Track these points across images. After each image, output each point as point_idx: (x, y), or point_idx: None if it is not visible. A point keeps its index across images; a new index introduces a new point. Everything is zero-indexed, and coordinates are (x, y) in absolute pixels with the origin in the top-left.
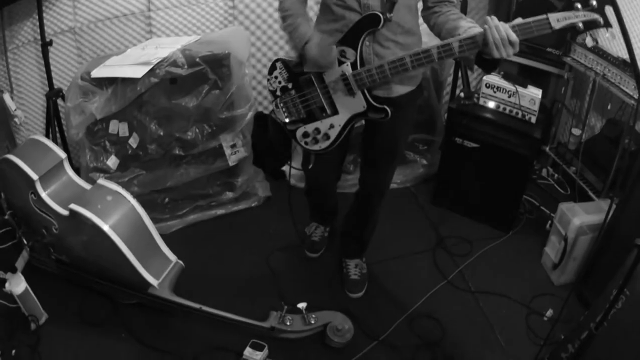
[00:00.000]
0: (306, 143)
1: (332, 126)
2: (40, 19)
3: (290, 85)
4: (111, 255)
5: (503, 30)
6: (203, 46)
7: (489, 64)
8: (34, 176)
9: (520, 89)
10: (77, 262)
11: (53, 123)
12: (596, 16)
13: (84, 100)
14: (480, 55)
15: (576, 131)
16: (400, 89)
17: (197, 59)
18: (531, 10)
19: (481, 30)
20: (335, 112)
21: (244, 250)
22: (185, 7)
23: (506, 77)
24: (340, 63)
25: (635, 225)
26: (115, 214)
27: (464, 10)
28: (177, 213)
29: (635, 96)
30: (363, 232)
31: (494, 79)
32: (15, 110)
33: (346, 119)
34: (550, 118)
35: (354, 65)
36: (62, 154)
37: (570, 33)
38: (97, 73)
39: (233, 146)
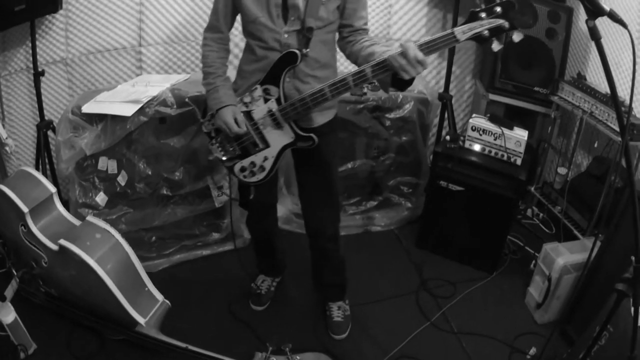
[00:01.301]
0: (244, 176)
1: (266, 158)
2: (34, 48)
3: None
4: (99, 292)
5: (411, 52)
6: (192, 86)
7: (404, 83)
8: (25, 209)
9: (506, 131)
10: (65, 296)
11: (43, 154)
12: (501, 21)
13: (74, 135)
14: (395, 76)
15: (562, 170)
16: (320, 119)
17: (187, 99)
18: (520, 51)
19: (391, 53)
20: (267, 145)
21: (228, 291)
22: (175, 44)
23: (492, 119)
24: (266, 100)
25: (620, 263)
26: (104, 251)
27: (452, 50)
28: (164, 252)
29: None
30: (334, 277)
31: (480, 122)
32: (6, 138)
33: (278, 150)
34: (536, 158)
35: (278, 101)
36: (52, 188)
37: (476, 41)
38: (87, 108)
39: (219, 188)
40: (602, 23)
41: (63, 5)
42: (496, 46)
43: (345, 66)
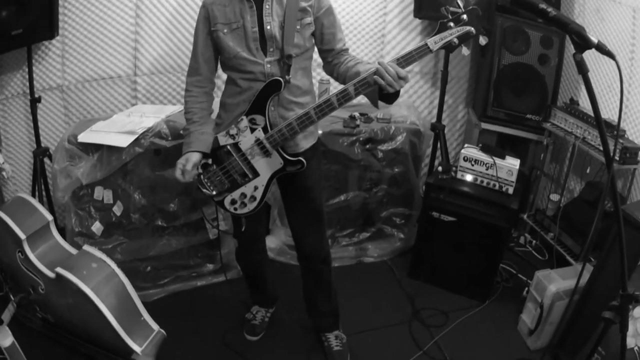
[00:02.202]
0: (235, 209)
1: (256, 188)
2: (30, 74)
3: (210, 161)
4: (95, 320)
5: (391, 69)
6: None
7: (391, 97)
8: (22, 235)
9: (498, 160)
10: (62, 323)
11: (39, 181)
12: (468, 28)
13: (71, 164)
14: (382, 90)
15: (554, 197)
16: (304, 144)
17: (181, 132)
18: (512, 78)
19: (372, 71)
20: (256, 174)
21: (223, 322)
22: (170, 74)
23: (484, 149)
24: (253, 130)
25: (611, 288)
26: (100, 280)
27: (444, 79)
28: (159, 282)
29: (616, 157)
30: (328, 304)
31: (472, 152)
32: (3, 163)
33: (267, 178)
34: (529, 186)
35: (265, 129)
36: (49, 216)
37: (447, 50)
38: (83, 138)
39: (214, 220)
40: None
41: (59, 32)
42: (465, 51)
43: (335, 86)
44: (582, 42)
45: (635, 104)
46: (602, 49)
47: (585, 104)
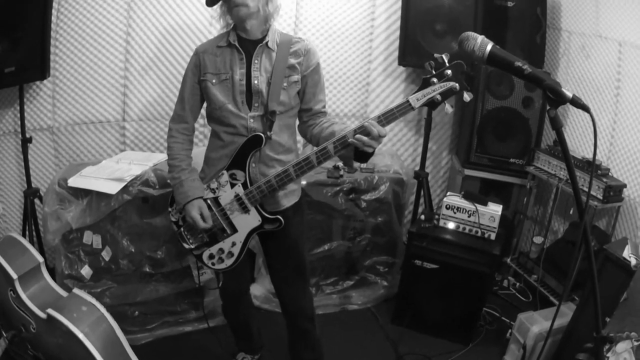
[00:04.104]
0: (213, 264)
1: (234, 244)
2: (22, 114)
3: None
4: None
5: (374, 129)
6: None
7: (366, 156)
8: (14, 275)
9: (480, 207)
10: None
11: (30, 221)
12: (452, 84)
13: (61, 208)
14: (357, 149)
15: (538, 239)
16: (285, 202)
17: (169, 180)
18: (496, 123)
19: (350, 129)
20: (234, 230)
21: None
22: (158, 121)
23: (466, 196)
24: (233, 185)
25: (593, 327)
26: (90, 323)
27: (428, 126)
28: (146, 327)
29: (599, 196)
30: (312, 354)
31: (454, 200)
32: None
33: (245, 235)
34: (512, 230)
35: (244, 185)
36: (40, 258)
37: (429, 107)
38: (73, 182)
39: (200, 268)
40: (583, 83)
41: (51, 73)
42: (449, 109)
43: None
44: (557, 98)
45: (620, 140)
46: (576, 102)
47: (569, 145)
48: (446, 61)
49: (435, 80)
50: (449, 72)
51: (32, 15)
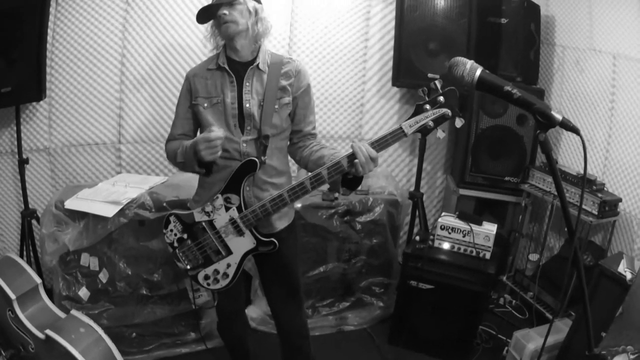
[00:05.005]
0: (208, 284)
1: (229, 265)
2: (18, 134)
3: (185, 236)
4: None
5: (365, 151)
6: (169, 190)
7: (354, 182)
8: (12, 295)
9: (475, 227)
10: None
11: (27, 242)
12: (444, 110)
13: (58, 230)
14: (345, 176)
15: (533, 256)
16: (279, 224)
17: (164, 204)
18: (490, 141)
19: (343, 155)
20: (229, 252)
21: None
22: (153, 143)
23: (461, 216)
24: (227, 209)
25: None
26: (88, 345)
27: (422, 147)
28: (144, 348)
29: (594, 212)
30: None
31: (449, 220)
32: None
33: (240, 257)
34: (507, 248)
35: (239, 209)
36: (37, 279)
37: (422, 133)
38: (70, 204)
39: (197, 290)
40: (577, 97)
41: (47, 93)
42: (441, 134)
43: None
44: (547, 121)
45: (615, 153)
46: (566, 125)
47: (564, 161)
48: (439, 87)
49: (428, 106)
50: (441, 98)
51: (28, 35)
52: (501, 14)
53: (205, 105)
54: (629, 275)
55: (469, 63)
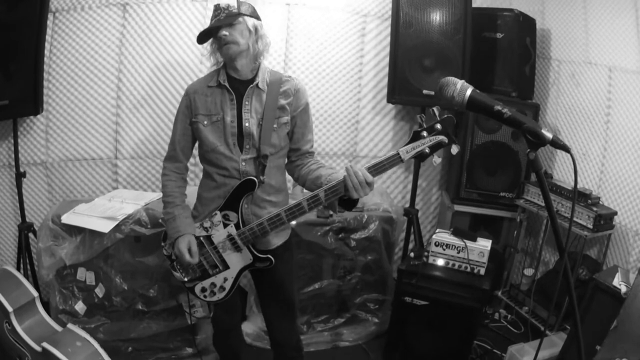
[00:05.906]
0: (205, 296)
1: (225, 279)
2: (16, 147)
3: None
4: None
5: (360, 175)
6: None
7: (350, 203)
8: (9, 308)
9: (469, 243)
10: None
11: (24, 255)
12: (441, 138)
13: (55, 244)
14: (342, 198)
15: (528, 271)
16: (276, 241)
17: (160, 220)
18: (485, 157)
19: (341, 177)
20: (226, 267)
21: None
22: (149, 159)
23: (455, 233)
24: (225, 225)
25: (585, 353)
26: (84, 358)
27: (417, 163)
28: None
29: (589, 226)
30: None
31: (443, 236)
32: None
33: (237, 272)
34: (502, 263)
35: (237, 226)
36: (34, 292)
37: (418, 159)
38: (67, 219)
39: (192, 306)
40: (573, 111)
41: (44, 107)
42: (436, 160)
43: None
44: (537, 140)
45: (611, 166)
46: (556, 144)
47: (559, 176)
48: (437, 115)
49: (425, 133)
50: (438, 126)
51: (26, 49)
52: (496, 29)
53: (205, 122)
54: (623, 289)
55: (460, 83)
